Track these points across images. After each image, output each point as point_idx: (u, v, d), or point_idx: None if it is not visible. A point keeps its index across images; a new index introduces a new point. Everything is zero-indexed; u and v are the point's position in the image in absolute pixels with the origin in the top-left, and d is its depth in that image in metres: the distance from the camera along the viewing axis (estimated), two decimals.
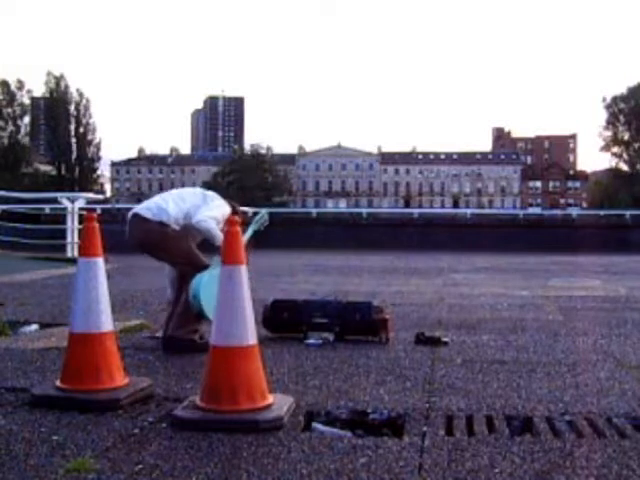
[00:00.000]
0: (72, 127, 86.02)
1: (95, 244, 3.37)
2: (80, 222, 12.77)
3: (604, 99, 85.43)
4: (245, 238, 4.87)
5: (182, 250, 4.70)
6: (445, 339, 4.86)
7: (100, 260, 3.37)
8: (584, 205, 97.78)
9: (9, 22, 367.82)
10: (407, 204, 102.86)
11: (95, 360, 3.25)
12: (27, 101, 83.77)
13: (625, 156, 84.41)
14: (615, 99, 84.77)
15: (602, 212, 38.80)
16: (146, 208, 4.76)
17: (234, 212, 4.88)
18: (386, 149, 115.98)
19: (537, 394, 3.47)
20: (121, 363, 3.40)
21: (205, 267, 4.53)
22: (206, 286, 4.33)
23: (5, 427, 2.87)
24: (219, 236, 4.46)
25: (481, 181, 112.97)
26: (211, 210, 4.72)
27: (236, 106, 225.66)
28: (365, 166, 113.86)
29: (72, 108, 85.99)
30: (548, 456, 2.58)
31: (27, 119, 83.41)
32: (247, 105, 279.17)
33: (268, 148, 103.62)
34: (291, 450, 2.62)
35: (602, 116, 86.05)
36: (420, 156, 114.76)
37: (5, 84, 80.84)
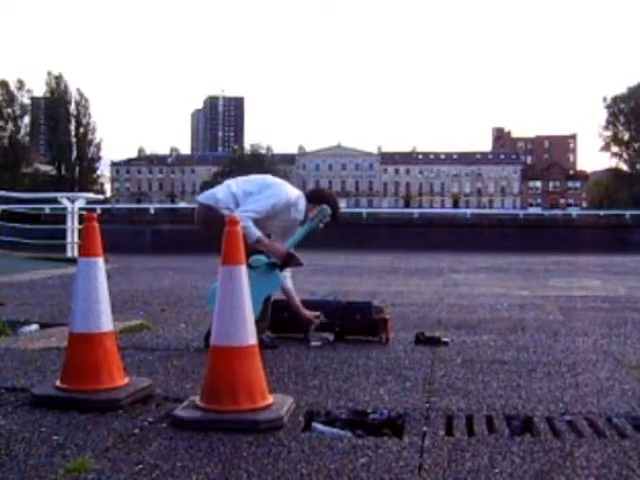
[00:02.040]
0: (72, 127, 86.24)
1: (95, 244, 3.37)
2: (80, 222, 12.77)
3: (604, 99, 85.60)
4: (296, 237, 4.65)
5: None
6: (445, 339, 4.86)
7: (100, 260, 3.36)
8: (584, 205, 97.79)
9: (9, 22, 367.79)
10: (407, 204, 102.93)
11: (95, 360, 3.25)
12: (27, 101, 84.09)
13: (625, 156, 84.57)
14: (615, 99, 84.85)
15: (602, 212, 38.88)
16: (203, 193, 4.74)
17: (317, 199, 4.68)
18: (386, 149, 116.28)
19: (537, 394, 3.47)
20: (121, 363, 3.40)
21: None
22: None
23: (5, 427, 2.87)
24: (253, 233, 4.34)
25: (481, 181, 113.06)
26: (255, 202, 4.46)
27: (236, 106, 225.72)
28: (365, 166, 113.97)
29: (72, 108, 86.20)
30: (548, 456, 2.57)
31: (27, 119, 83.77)
32: (247, 105, 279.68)
33: (268, 148, 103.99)
34: (291, 450, 2.62)
35: (602, 116, 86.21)
36: (420, 156, 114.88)
37: (5, 84, 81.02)
